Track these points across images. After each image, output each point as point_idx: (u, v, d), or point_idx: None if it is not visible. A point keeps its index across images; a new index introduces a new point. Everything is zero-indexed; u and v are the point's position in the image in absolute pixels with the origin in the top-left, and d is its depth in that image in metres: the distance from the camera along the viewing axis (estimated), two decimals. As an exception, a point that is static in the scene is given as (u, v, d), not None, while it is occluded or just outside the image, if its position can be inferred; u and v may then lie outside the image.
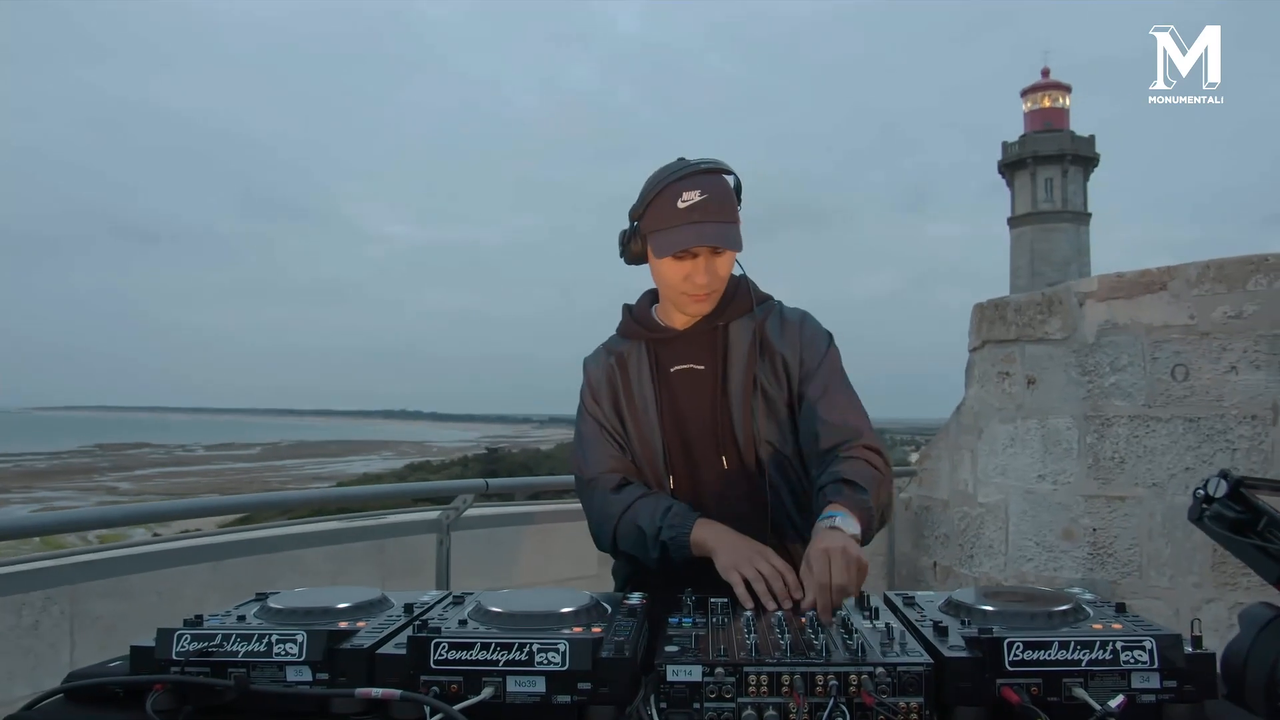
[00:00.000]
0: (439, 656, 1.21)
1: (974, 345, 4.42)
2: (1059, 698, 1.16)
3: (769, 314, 1.83)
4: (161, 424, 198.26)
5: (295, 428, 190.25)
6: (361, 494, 3.97)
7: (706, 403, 1.78)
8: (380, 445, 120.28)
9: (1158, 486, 3.63)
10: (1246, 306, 3.48)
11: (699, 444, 1.79)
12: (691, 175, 1.69)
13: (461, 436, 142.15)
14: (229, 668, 1.25)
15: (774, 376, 1.79)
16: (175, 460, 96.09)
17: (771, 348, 1.79)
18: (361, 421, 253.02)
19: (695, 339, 1.81)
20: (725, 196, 1.71)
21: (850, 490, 1.60)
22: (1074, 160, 40.09)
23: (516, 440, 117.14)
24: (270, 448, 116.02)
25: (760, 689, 1.17)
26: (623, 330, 1.90)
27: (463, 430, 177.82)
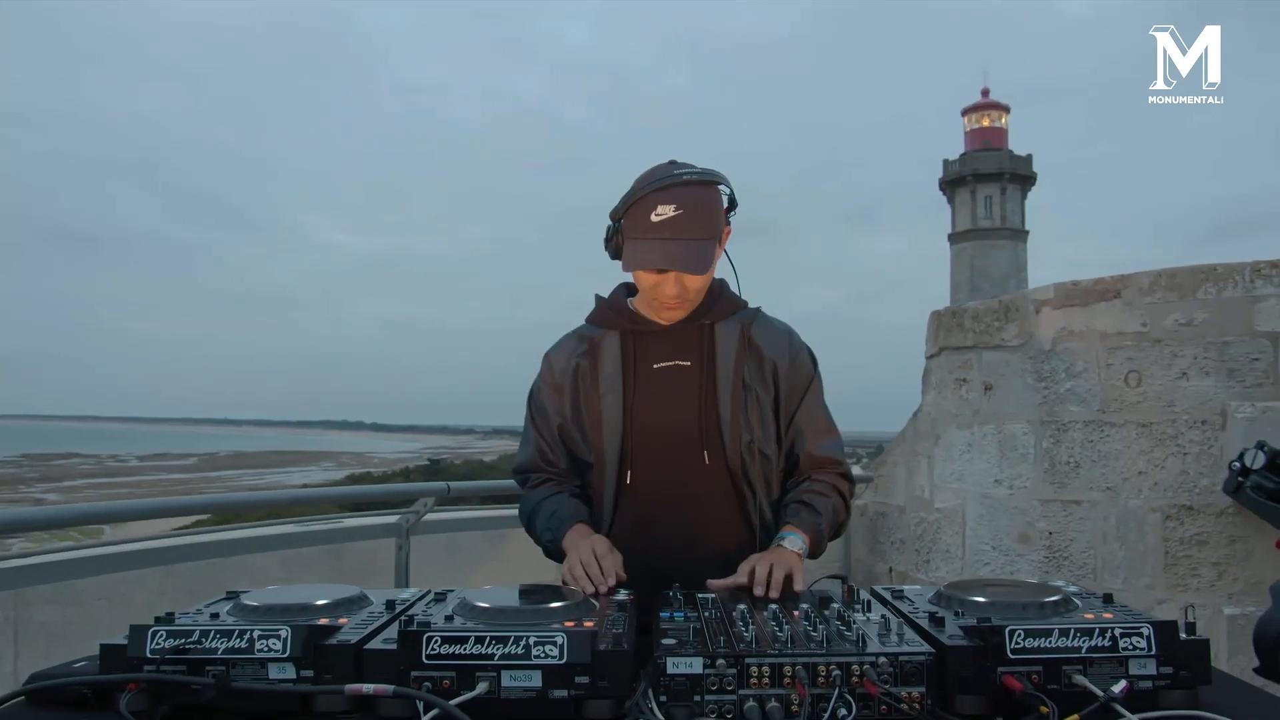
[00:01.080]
0: (431, 651, 1.17)
1: (931, 352, 4.48)
2: (1059, 685, 1.16)
3: (755, 318, 1.83)
4: (92, 433, 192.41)
5: (233, 438, 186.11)
6: (320, 496, 3.87)
7: (693, 399, 1.77)
8: (320, 456, 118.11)
9: (1112, 490, 3.70)
10: (1196, 314, 3.58)
11: (679, 440, 1.76)
12: (671, 187, 1.65)
13: (403, 447, 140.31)
14: (207, 665, 1.19)
15: (761, 378, 1.79)
16: (107, 470, 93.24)
17: (760, 351, 1.80)
18: (301, 432, 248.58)
19: (680, 336, 1.80)
20: (704, 212, 1.67)
21: (806, 513, 1.75)
22: (1012, 179, 41.02)
23: (459, 451, 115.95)
24: (207, 458, 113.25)
25: (762, 680, 1.15)
26: (597, 318, 1.86)
27: (405, 441, 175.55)
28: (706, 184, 1.70)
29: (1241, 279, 3.53)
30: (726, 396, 1.75)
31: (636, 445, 1.76)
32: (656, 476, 1.76)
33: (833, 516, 1.79)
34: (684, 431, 1.76)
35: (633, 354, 1.79)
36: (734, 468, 1.75)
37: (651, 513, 1.76)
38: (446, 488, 3.33)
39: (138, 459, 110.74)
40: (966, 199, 41.24)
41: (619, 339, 1.80)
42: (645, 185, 1.68)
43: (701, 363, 1.78)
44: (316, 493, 4.69)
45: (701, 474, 1.76)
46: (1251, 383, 3.48)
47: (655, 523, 1.75)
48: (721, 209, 1.73)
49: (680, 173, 1.67)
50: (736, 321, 1.81)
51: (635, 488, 1.76)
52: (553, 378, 1.84)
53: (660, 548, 1.73)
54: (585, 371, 1.80)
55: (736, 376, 1.76)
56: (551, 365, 1.85)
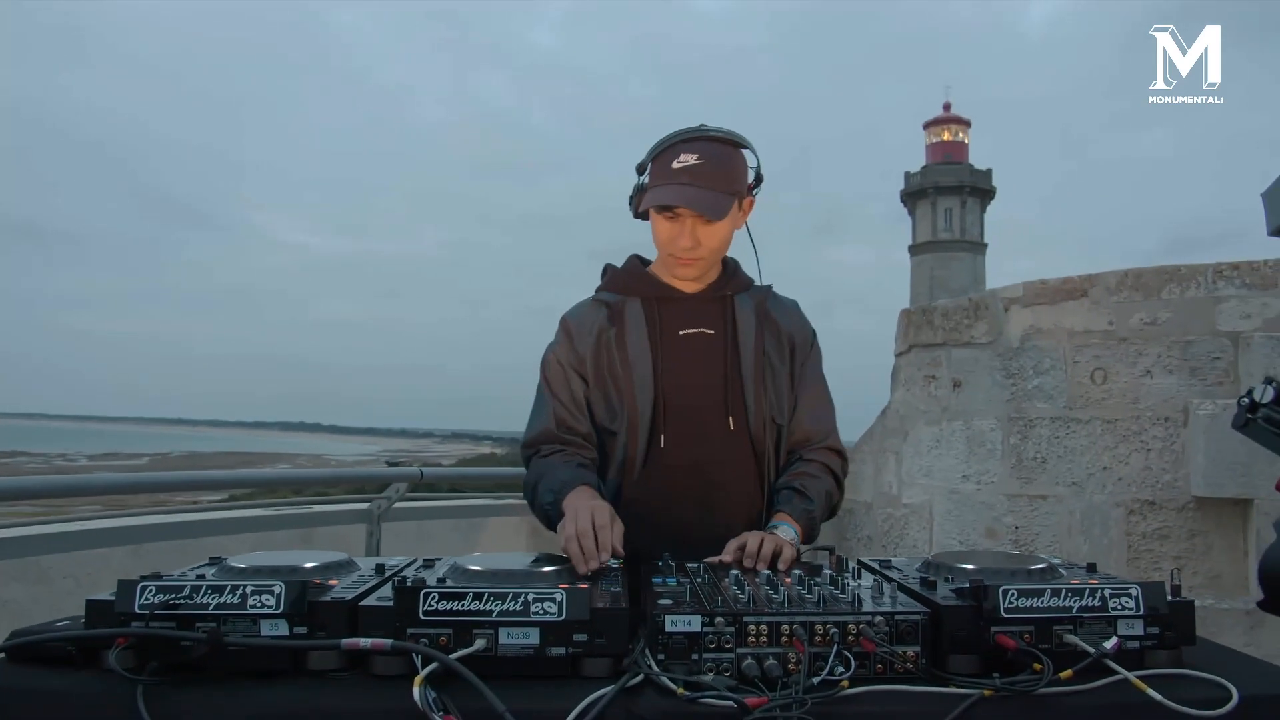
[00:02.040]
0: (429, 607, 1.17)
1: (900, 349, 4.52)
2: (1050, 644, 1.18)
3: (768, 294, 1.88)
4: (40, 431, 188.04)
5: (187, 438, 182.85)
6: (294, 477, 3.81)
7: (719, 367, 1.78)
8: (276, 458, 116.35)
9: (1077, 485, 3.76)
10: (1161, 314, 3.65)
11: (706, 406, 1.78)
12: (696, 140, 1.71)
13: (361, 450, 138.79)
14: (198, 622, 1.17)
15: (779, 349, 1.83)
16: (55, 470, 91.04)
17: (775, 322, 1.85)
18: (258, 433, 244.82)
19: (702, 305, 1.82)
20: (725, 166, 1.71)
21: (799, 499, 1.73)
22: (972, 192, 41.66)
23: (418, 454, 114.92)
24: (159, 458, 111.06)
25: (760, 639, 1.16)
26: (615, 285, 1.86)
27: (363, 444, 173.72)
28: (731, 143, 1.74)
29: (1204, 280, 3.61)
30: (750, 365, 1.78)
31: (667, 411, 1.76)
32: (685, 443, 1.77)
33: (825, 500, 1.80)
34: (711, 398, 1.78)
35: (658, 320, 1.80)
36: (756, 434, 1.77)
37: (675, 481, 1.76)
38: (420, 473, 3.30)
39: (87, 458, 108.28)
40: (927, 211, 41.80)
41: (641, 305, 1.81)
42: (672, 136, 1.73)
43: (725, 332, 1.80)
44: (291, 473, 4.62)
45: (725, 441, 1.77)
46: (1213, 381, 3.56)
47: (678, 491, 1.75)
48: (744, 172, 1.77)
49: (708, 127, 1.73)
50: (751, 296, 1.85)
51: (663, 453, 1.76)
52: (572, 343, 1.82)
53: (682, 514, 1.74)
54: (609, 337, 1.79)
55: (758, 346, 1.80)
56: (571, 330, 1.83)
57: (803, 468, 1.81)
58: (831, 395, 1.90)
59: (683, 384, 1.78)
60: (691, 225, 1.71)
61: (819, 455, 1.84)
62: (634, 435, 1.77)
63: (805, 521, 1.71)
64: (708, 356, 1.79)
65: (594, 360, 1.80)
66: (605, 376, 1.80)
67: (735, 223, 1.79)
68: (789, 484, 1.77)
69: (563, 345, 1.84)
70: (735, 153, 1.75)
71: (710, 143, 1.72)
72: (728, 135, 1.74)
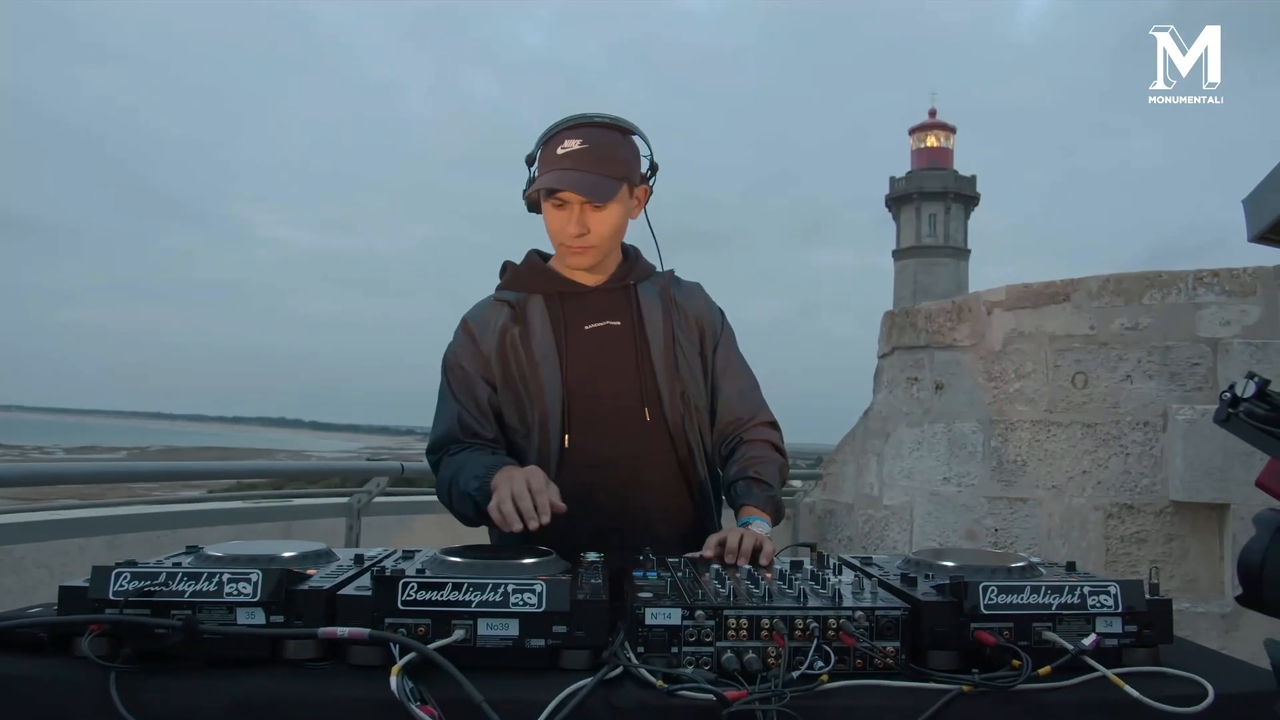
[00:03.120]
0: (407, 597, 1.16)
1: (883, 351, 4.54)
2: (1029, 641, 1.18)
3: (669, 278, 1.88)
4: (15, 424, 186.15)
5: (166, 433, 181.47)
6: (275, 470, 3.79)
7: (629, 358, 1.77)
8: (257, 453, 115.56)
9: (1056, 488, 3.79)
10: (1142, 319, 3.68)
11: (619, 399, 1.76)
12: (580, 126, 1.71)
13: (343, 447, 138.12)
14: (173, 609, 1.16)
15: (687, 334, 1.83)
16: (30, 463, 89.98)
17: (682, 306, 1.84)
18: (238, 428, 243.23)
19: (605, 297, 1.81)
20: (609, 151, 1.70)
21: (758, 487, 1.72)
22: (956, 198, 41.86)
23: (399, 452, 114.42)
24: (137, 452, 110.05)
25: (740, 632, 1.16)
26: (515, 283, 1.83)
27: (344, 440, 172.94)
28: (618, 129, 1.74)
29: (1185, 286, 3.64)
30: (659, 353, 1.77)
31: (576, 408, 1.74)
32: (598, 438, 1.74)
33: (780, 477, 1.80)
34: (623, 390, 1.76)
35: (561, 316, 1.78)
36: (673, 422, 1.76)
37: (594, 476, 1.73)
38: (400, 468, 3.28)
39: (64, 451, 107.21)
40: (911, 216, 41.96)
41: (543, 301, 1.79)
42: (558, 124, 1.73)
43: (632, 322, 1.79)
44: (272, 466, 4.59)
45: (642, 433, 1.76)
46: (1192, 386, 3.59)
47: (598, 486, 1.73)
48: (634, 157, 1.76)
49: (592, 114, 1.72)
50: (655, 283, 1.85)
51: (576, 451, 1.74)
52: (475, 344, 1.78)
53: (604, 510, 1.72)
54: (513, 336, 1.76)
55: (666, 333, 1.79)
56: (473, 331, 1.79)
57: (749, 451, 1.79)
58: (752, 369, 1.90)
59: (592, 379, 1.76)
60: (579, 211, 1.69)
61: (758, 433, 1.83)
62: (546, 435, 1.74)
63: (771, 508, 1.71)
64: (616, 349, 1.78)
65: (500, 362, 1.77)
66: (514, 378, 1.76)
67: (630, 211, 1.78)
68: (743, 474, 1.75)
69: (465, 347, 1.79)
70: (623, 138, 1.74)
71: (595, 128, 1.71)
72: (614, 120, 1.73)
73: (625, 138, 1.75)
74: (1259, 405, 1.15)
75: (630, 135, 1.76)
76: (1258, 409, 1.15)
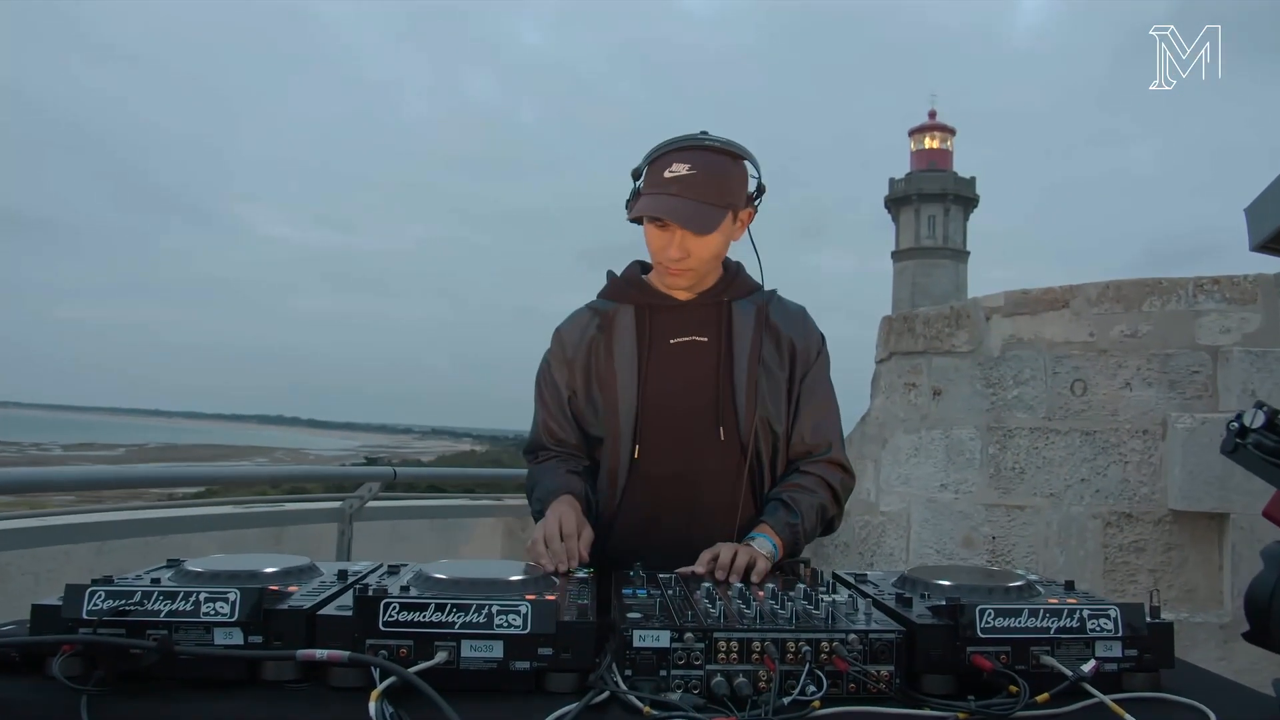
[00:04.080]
0: (389, 618, 1.13)
1: (881, 357, 4.51)
2: (1026, 666, 1.16)
3: (771, 298, 1.83)
4: (13, 420, 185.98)
5: (163, 429, 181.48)
6: (267, 474, 3.75)
7: (710, 374, 1.74)
8: (254, 451, 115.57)
9: (1054, 496, 3.76)
10: (1141, 326, 3.65)
11: (694, 415, 1.74)
12: (690, 149, 1.67)
13: (340, 445, 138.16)
14: (148, 629, 1.13)
15: (778, 356, 1.78)
16: (29, 460, 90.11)
17: (776, 329, 1.79)
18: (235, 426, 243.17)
19: (697, 312, 1.78)
20: (717, 178, 1.66)
21: (784, 512, 1.67)
22: (955, 200, 41.84)
23: (397, 450, 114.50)
24: (135, 450, 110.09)
25: (730, 655, 1.13)
26: (611, 292, 1.83)
27: (342, 439, 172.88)
28: (729, 154, 1.70)
29: (1185, 293, 3.62)
30: (743, 372, 1.74)
31: (650, 420, 1.73)
32: (669, 453, 1.73)
33: (817, 514, 1.73)
34: (700, 406, 1.74)
35: (648, 328, 1.76)
36: (747, 443, 1.72)
37: (661, 491, 1.72)
38: (393, 473, 3.25)
39: (62, 448, 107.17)
40: (910, 218, 41.95)
41: (633, 313, 1.78)
42: (667, 144, 1.69)
43: (719, 339, 1.76)
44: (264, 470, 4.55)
45: (715, 451, 1.73)
46: (1191, 394, 3.56)
47: (665, 500, 1.72)
48: (741, 183, 1.72)
49: (705, 137, 1.69)
50: (753, 302, 1.80)
51: (646, 464, 1.73)
52: (563, 352, 1.81)
53: (669, 526, 1.71)
54: (599, 345, 1.77)
55: (753, 353, 1.75)
56: (563, 340, 1.82)
57: (797, 479, 1.76)
58: (838, 405, 1.85)
59: (669, 392, 1.74)
60: (680, 236, 1.67)
61: (817, 468, 1.77)
62: (616, 445, 1.74)
63: (787, 534, 1.65)
64: (699, 364, 1.75)
65: (583, 369, 1.78)
66: (593, 385, 1.77)
67: (731, 234, 1.74)
68: (778, 495, 1.72)
69: (554, 355, 1.82)
70: (732, 164, 1.70)
71: (706, 152, 1.67)
72: (726, 145, 1.69)
73: (736, 163, 1.70)
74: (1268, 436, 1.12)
75: (741, 160, 1.71)
76: (1266, 440, 1.12)
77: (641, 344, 1.75)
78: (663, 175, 1.66)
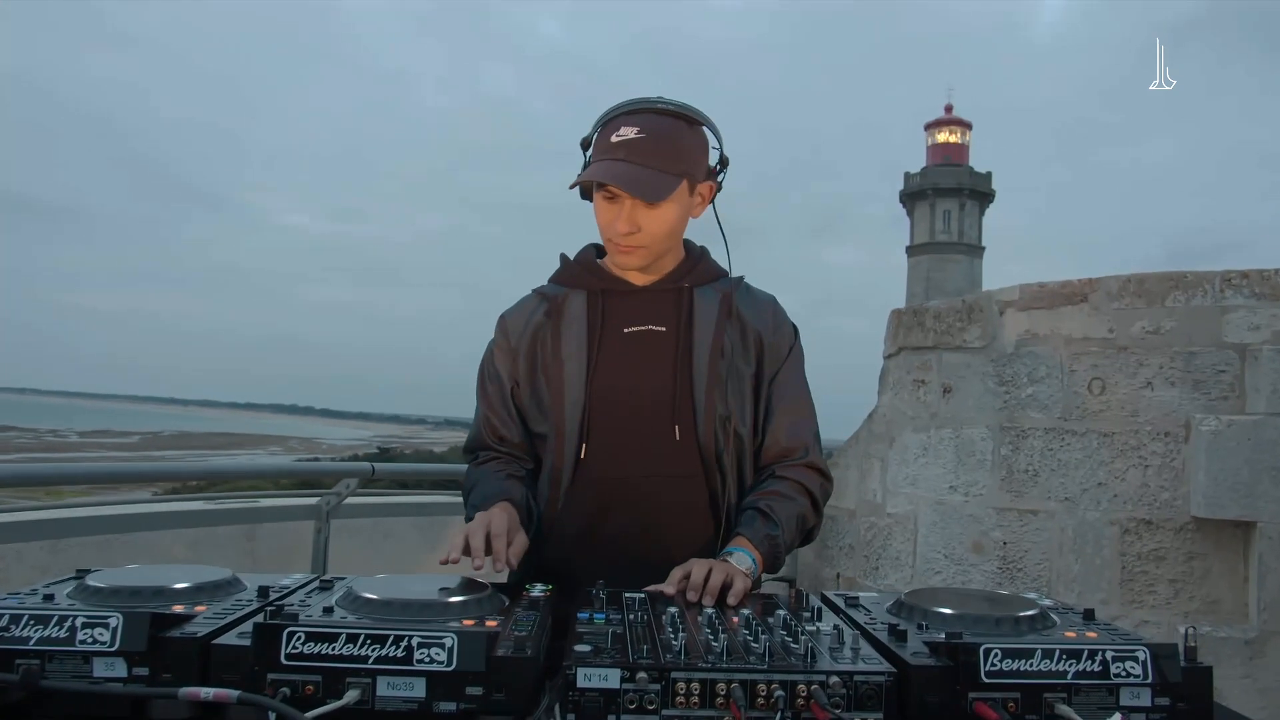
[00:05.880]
0: (292, 650, 0.97)
1: (889, 351, 4.33)
2: (1038, 716, 0.99)
3: (737, 285, 1.67)
4: (31, 407, 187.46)
5: (178, 417, 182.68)
6: (233, 469, 3.60)
7: (666, 367, 1.57)
8: (267, 440, 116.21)
9: (1070, 501, 3.57)
10: (1165, 323, 3.46)
11: (648, 412, 1.57)
12: (640, 112, 1.52)
13: (353, 435, 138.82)
14: (17, 659, 0.98)
15: (743, 348, 1.62)
16: (45, 446, 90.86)
17: (743, 318, 1.63)
18: (249, 415, 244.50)
19: (655, 298, 1.62)
20: (670, 143, 1.51)
21: (762, 522, 1.53)
22: (971, 195, 41.57)
23: (409, 440, 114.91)
24: (150, 437, 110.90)
25: (690, 699, 0.96)
26: (562, 276, 1.67)
27: (355, 428, 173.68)
28: (683, 118, 1.54)
29: (1211, 288, 3.42)
30: (703, 365, 1.56)
31: (599, 416, 1.56)
32: (620, 453, 1.56)
33: (797, 524, 1.58)
34: (654, 402, 1.56)
35: (600, 315, 1.60)
36: (706, 444, 1.55)
37: (609, 494, 1.56)
38: (371, 469, 3.09)
39: (78, 435, 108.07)
40: (926, 213, 41.77)
41: (585, 298, 1.61)
42: (617, 107, 1.54)
43: (678, 329, 1.59)
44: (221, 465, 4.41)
45: (670, 452, 1.56)
46: (1217, 395, 3.37)
47: (613, 506, 1.56)
48: (698, 151, 1.56)
49: (657, 100, 1.53)
50: (717, 289, 1.63)
51: (593, 464, 1.56)
52: (507, 341, 1.64)
53: (617, 534, 1.55)
54: (546, 333, 1.60)
55: (715, 344, 1.58)
56: (507, 328, 1.65)
57: (773, 485, 1.59)
58: (814, 404, 1.68)
59: (620, 386, 1.57)
60: (630, 207, 1.50)
61: (794, 473, 1.61)
62: (560, 442, 1.57)
63: (767, 548, 1.49)
64: (655, 357, 1.58)
65: (528, 358, 1.62)
66: (538, 376, 1.61)
67: (689, 208, 1.58)
68: (754, 504, 1.56)
69: (498, 344, 1.66)
70: (688, 129, 1.54)
71: (657, 115, 1.52)
72: (680, 108, 1.53)
73: (692, 128, 1.55)
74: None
75: (698, 125, 1.56)
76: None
77: (592, 332, 1.59)
78: (610, 140, 1.50)
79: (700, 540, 1.55)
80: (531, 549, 1.52)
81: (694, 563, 1.37)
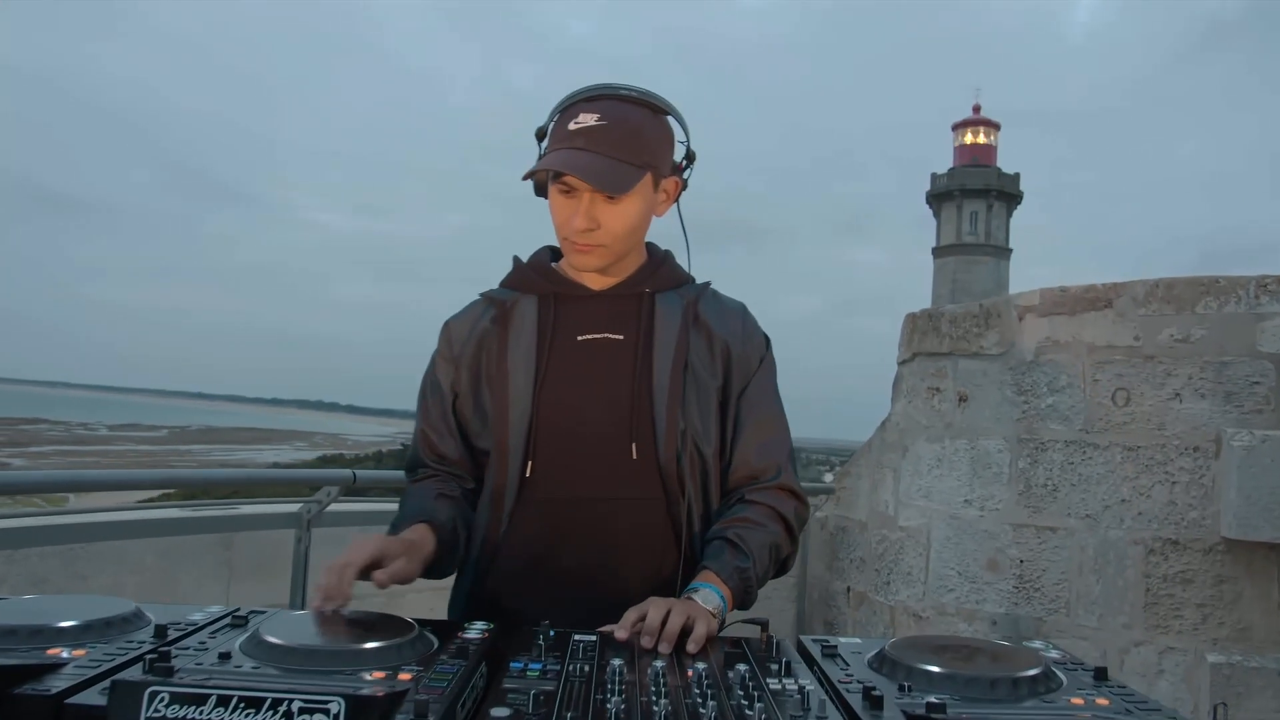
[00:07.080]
0: (153, 714, 0.83)
1: (903, 358, 4.16)
2: (1036, 808, 0.83)
3: (704, 292, 1.53)
4: (62, 400, 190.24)
5: (206, 412, 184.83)
6: (210, 477, 3.49)
7: (624, 379, 1.43)
8: (293, 435, 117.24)
9: (1091, 518, 3.39)
10: (1194, 331, 3.27)
11: (602, 428, 1.43)
12: (600, 99, 1.39)
13: (378, 431, 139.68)
14: None
15: (709, 359, 1.47)
16: (75, 439, 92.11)
17: (708, 327, 1.49)
18: (275, 410, 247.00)
19: (613, 304, 1.48)
20: (632, 131, 1.37)
21: (731, 554, 1.38)
22: (998, 196, 41.16)
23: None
24: (178, 431, 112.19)
25: (620, 779, 0.81)
26: (513, 280, 1.53)
27: (380, 424, 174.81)
28: (647, 106, 1.41)
29: (1245, 294, 3.22)
30: (664, 377, 1.42)
31: (547, 431, 1.42)
32: (570, 473, 1.42)
33: (770, 554, 1.43)
34: (610, 417, 1.42)
35: (551, 321, 1.46)
36: (666, 464, 1.41)
37: (558, 519, 1.41)
38: (352, 476, 2.97)
39: (107, 428, 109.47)
40: (952, 214, 41.43)
41: (536, 304, 1.47)
42: (576, 93, 1.41)
43: (638, 337, 1.44)
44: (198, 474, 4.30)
45: (627, 473, 1.41)
46: (1250, 408, 3.18)
47: (562, 531, 1.41)
48: (663, 143, 1.43)
49: (618, 85, 1.40)
50: (681, 295, 1.49)
51: (540, 485, 1.42)
52: (450, 349, 1.51)
53: (568, 565, 1.40)
54: (492, 340, 1.47)
55: (678, 355, 1.43)
56: (450, 335, 1.52)
57: (743, 512, 1.44)
58: (787, 420, 1.53)
59: (571, 399, 1.42)
60: (589, 202, 1.36)
61: (766, 497, 1.46)
62: (504, 459, 1.42)
63: (736, 582, 1.34)
64: (611, 368, 1.43)
65: (470, 367, 1.48)
66: (482, 387, 1.47)
67: (652, 205, 1.44)
68: (722, 533, 1.40)
69: (440, 352, 1.52)
70: (652, 118, 1.41)
71: (620, 102, 1.38)
72: (644, 95, 1.40)
73: (656, 118, 1.42)
74: None
75: (662, 115, 1.43)
76: None
77: (542, 340, 1.44)
78: (568, 128, 1.37)
79: (661, 573, 1.40)
80: (473, 580, 1.38)
81: (651, 602, 1.21)
